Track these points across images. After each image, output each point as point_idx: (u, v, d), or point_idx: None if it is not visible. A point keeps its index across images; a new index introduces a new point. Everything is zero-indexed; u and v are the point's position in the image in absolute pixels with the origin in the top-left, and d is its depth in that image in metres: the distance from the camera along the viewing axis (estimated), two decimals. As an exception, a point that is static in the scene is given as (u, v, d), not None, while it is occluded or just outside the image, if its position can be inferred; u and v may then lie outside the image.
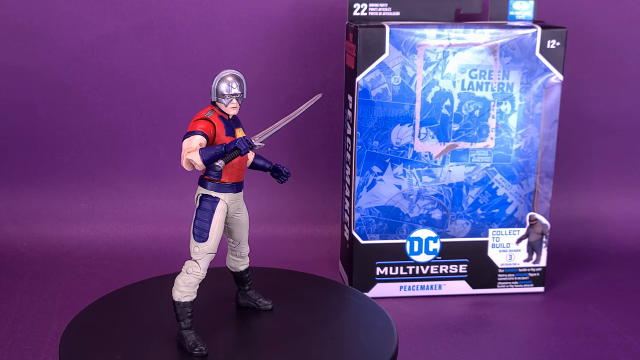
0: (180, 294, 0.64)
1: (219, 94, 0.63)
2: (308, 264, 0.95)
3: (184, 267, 0.64)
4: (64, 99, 1.00)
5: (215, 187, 0.64)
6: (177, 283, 0.64)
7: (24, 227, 1.00)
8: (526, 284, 0.89)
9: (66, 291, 0.87)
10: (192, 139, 0.61)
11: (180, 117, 1.01)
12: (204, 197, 0.64)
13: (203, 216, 0.64)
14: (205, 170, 0.63)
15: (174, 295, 0.64)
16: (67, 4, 0.97)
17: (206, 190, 0.64)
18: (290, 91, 1.01)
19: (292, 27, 0.99)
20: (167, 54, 0.99)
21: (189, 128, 0.62)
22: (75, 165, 1.02)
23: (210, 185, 0.64)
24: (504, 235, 0.88)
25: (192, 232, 0.64)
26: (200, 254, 0.64)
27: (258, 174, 1.01)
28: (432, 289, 0.88)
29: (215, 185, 0.64)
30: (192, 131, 0.62)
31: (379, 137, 0.83)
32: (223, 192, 0.64)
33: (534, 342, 0.78)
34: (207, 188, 0.64)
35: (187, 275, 0.64)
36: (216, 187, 0.64)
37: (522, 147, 0.85)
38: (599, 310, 0.85)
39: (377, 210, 0.86)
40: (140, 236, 1.01)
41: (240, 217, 0.67)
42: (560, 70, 0.84)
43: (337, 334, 0.67)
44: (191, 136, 0.61)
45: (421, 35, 0.81)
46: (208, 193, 0.64)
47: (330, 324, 0.69)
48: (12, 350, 0.74)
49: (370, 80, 0.82)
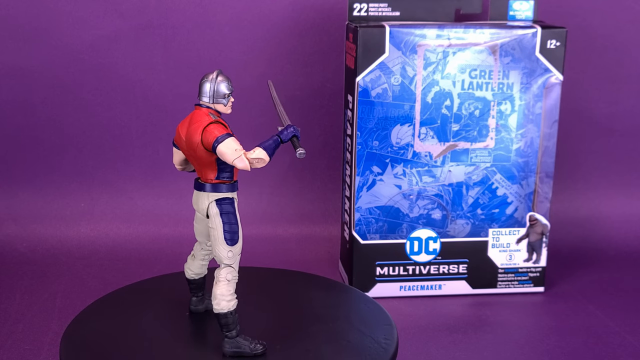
0: (228, 304, 0.63)
1: (219, 95, 0.63)
2: (308, 264, 0.95)
3: (220, 276, 0.63)
4: (64, 99, 1.00)
5: (230, 187, 0.63)
6: (220, 295, 0.63)
7: (24, 227, 1.00)
8: (526, 284, 0.89)
9: (66, 291, 0.87)
10: (230, 140, 0.60)
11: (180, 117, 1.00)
12: (222, 201, 0.63)
13: (230, 219, 0.63)
14: (217, 173, 0.63)
15: (220, 308, 0.63)
16: (67, 4, 0.97)
17: (222, 193, 0.63)
18: (290, 91, 1.01)
19: (292, 27, 0.99)
20: (167, 54, 0.99)
21: (210, 136, 0.60)
22: (75, 165, 1.02)
23: (226, 188, 0.63)
24: (504, 235, 0.88)
25: (223, 239, 0.63)
26: (234, 257, 0.63)
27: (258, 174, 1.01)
28: (432, 289, 0.88)
29: (229, 186, 0.63)
30: (222, 135, 0.60)
31: (379, 137, 0.83)
32: (235, 191, 0.64)
33: (534, 342, 0.78)
34: (223, 191, 0.63)
35: (227, 283, 0.63)
36: (230, 188, 0.63)
37: (522, 147, 0.85)
38: (599, 310, 0.85)
39: (377, 210, 0.86)
40: (140, 236, 1.01)
41: None
42: (560, 70, 0.84)
43: (337, 334, 0.67)
44: (226, 139, 0.60)
45: (421, 35, 0.81)
46: (224, 196, 0.63)
47: (330, 323, 0.69)
48: (12, 350, 0.74)
49: (370, 80, 0.82)
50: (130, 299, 0.73)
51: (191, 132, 0.62)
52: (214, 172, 0.63)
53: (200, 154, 0.62)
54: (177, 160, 0.68)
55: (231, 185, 0.63)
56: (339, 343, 0.66)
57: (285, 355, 0.64)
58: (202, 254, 0.69)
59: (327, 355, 0.64)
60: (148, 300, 0.73)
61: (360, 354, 0.64)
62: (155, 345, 0.65)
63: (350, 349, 0.65)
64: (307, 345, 0.65)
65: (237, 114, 0.70)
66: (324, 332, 0.68)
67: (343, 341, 0.66)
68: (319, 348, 0.65)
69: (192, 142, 0.62)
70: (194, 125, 0.62)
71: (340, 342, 0.66)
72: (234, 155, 0.60)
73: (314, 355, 0.64)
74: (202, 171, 0.63)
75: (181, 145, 0.64)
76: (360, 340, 0.66)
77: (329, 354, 0.64)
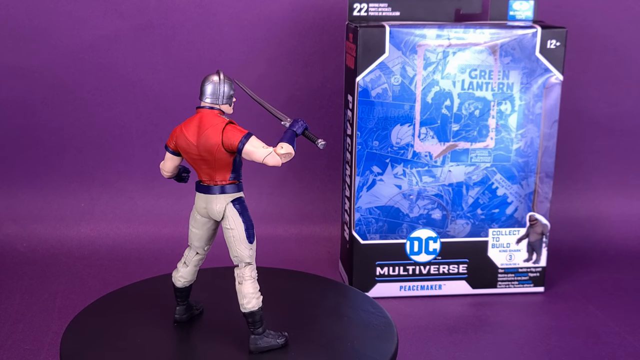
0: (257, 302, 0.63)
1: (226, 96, 0.63)
2: (308, 264, 0.95)
3: (245, 275, 0.63)
4: (64, 99, 1.00)
5: (241, 186, 0.64)
6: (247, 293, 0.63)
7: (24, 227, 1.00)
8: (526, 284, 0.89)
9: (66, 291, 0.87)
10: (254, 139, 0.61)
11: (181, 117, 1.00)
12: (238, 201, 0.63)
13: (247, 219, 0.63)
14: (231, 174, 0.63)
15: (251, 306, 0.63)
16: (67, 4, 0.97)
17: (237, 193, 0.63)
18: (290, 91, 1.01)
19: (292, 27, 0.99)
20: (167, 54, 0.99)
21: (233, 137, 0.60)
22: (75, 165, 1.02)
23: (238, 187, 0.63)
24: (504, 235, 0.88)
25: (245, 238, 0.63)
26: (254, 254, 0.64)
27: (258, 175, 1.01)
28: (432, 289, 0.88)
29: (240, 185, 0.63)
30: (245, 134, 0.61)
31: (379, 137, 0.83)
32: (242, 190, 0.64)
33: (534, 342, 0.78)
34: (237, 191, 0.63)
35: (252, 280, 0.64)
36: (241, 187, 0.64)
37: (522, 147, 0.85)
38: (599, 310, 0.85)
39: (377, 210, 0.86)
40: (140, 236, 1.01)
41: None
42: (560, 70, 0.84)
43: (337, 333, 0.67)
44: (250, 138, 0.61)
45: (421, 35, 0.81)
46: (239, 195, 0.63)
47: (330, 323, 0.69)
48: (12, 350, 0.74)
49: (370, 80, 0.82)
50: (130, 299, 0.73)
51: (208, 135, 0.61)
52: (228, 173, 0.62)
53: (219, 155, 0.61)
54: (170, 167, 0.66)
55: (240, 184, 0.64)
56: (339, 343, 0.66)
57: (285, 355, 0.64)
58: (196, 260, 0.67)
59: (326, 356, 0.64)
60: (148, 300, 0.73)
61: (360, 355, 0.64)
62: (156, 345, 0.65)
63: (350, 348, 0.65)
64: (306, 345, 0.65)
65: (237, 114, 0.70)
66: (324, 332, 0.67)
67: (343, 341, 0.66)
68: (318, 348, 0.65)
69: (210, 145, 0.61)
70: (210, 127, 0.61)
71: (340, 342, 0.66)
72: (264, 153, 0.60)
73: (313, 355, 0.64)
74: (214, 174, 0.62)
75: (187, 150, 0.63)
76: (360, 340, 0.66)
77: (329, 354, 0.64)
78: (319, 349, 0.65)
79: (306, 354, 0.64)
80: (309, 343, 0.66)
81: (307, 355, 0.64)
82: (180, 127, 0.63)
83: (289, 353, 0.64)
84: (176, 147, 0.64)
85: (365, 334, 0.68)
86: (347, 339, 0.67)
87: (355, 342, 0.66)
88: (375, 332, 0.68)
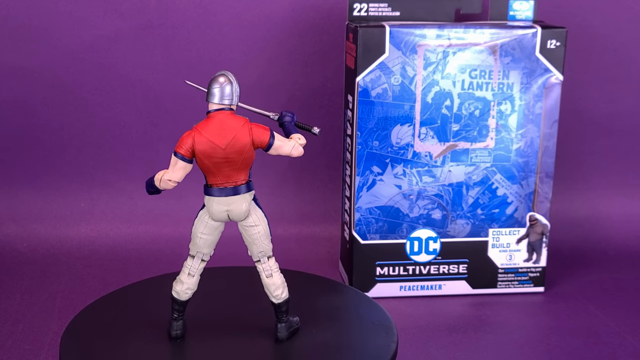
0: (286, 290, 0.65)
1: (238, 95, 0.62)
2: (308, 264, 0.95)
3: (273, 267, 0.65)
4: (64, 99, 1.00)
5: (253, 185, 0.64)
6: (281, 283, 0.65)
7: (24, 227, 1.00)
8: (526, 284, 0.89)
9: (66, 291, 0.87)
10: (276, 133, 0.62)
11: (180, 117, 1.01)
12: (255, 197, 0.64)
13: (264, 215, 0.65)
14: (249, 173, 0.63)
15: (285, 295, 0.65)
16: (67, 4, 0.97)
17: (253, 191, 0.63)
18: (290, 91, 1.01)
19: (292, 27, 0.99)
20: (167, 54, 0.99)
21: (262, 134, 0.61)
22: (75, 165, 1.02)
23: (252, 185, 0.63)
24: (504, 235, 0.88)
25: (269, 232, 0.64)
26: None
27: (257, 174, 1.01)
28: (432, 289, 0.88)
29: (253, 184, 0.63)
30: (270, 130, 0.61)
31: (379, 137, 0.83)
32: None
33: (534, 342, 0.78)
34: (253, 188, 0.63)
35: (278, 271, 0.65)
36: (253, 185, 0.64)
37: (522, 147, 0.85)
38: (599, 310, 0.85)
39: (377, 210, 0.86)
40: (140, 236, 1.01)
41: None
42: (560, 70, 0.84)
43: (337, 334, 0.67)
44: (274, 132, 0.62)
45: (421, 35, 0.81)
46: (253, 192, 0.64)
47: (330, 323, 0.69)
48: (12, 350, 0.74)
49: (370, 80, 0.82)
50: (130, 299, 0.73)
51: (238, 137, 0.60)
52: (247, 172, 0.62)
53: (248, 154, 0.61)
54: (181, 177, 0.63)
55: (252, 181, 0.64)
56: (339, 343, 0.66)
57: (285, 355, 0.64)
58: (201, 268, 0.66)
59: (326, 356, 0.64)
60: (148, 300, 0.73)
61: (360, 355, 0.64)
62: (156, 345, 0.65)
63: (350, 349, 0.65)
64: (306, 345, 0.65)
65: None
66: (324, 332, 0.67)
67: (343, 341, 0.66)
68: (318, 348, 0.65)
69: (240, 146, 0.60)
70: (238, 129, 0.60)
71: (340, 343, 0.66)
72: (291, 145, 0.62)
73: (313, 355, 0.64)
74: (236, 174, 0.62)
75: (212, 154, 0.60)
76: (360, 341, 0.66)
77: (328, 354, 0.64)
78: (319, 349, 0.65)
79: (306, 354, 0.64)
80: (308, 343, 0.66)
81: (307, 355, 0.64)
82: (199, 132, 0.60)
83: (289, 353, 0.64)
84: (193, 154, 0.61)
85: (365, 334, 0.68)
86: (346, 339, 0.67)
87: (355, 342, 0.66)
88: (375, 332, 0.68)
